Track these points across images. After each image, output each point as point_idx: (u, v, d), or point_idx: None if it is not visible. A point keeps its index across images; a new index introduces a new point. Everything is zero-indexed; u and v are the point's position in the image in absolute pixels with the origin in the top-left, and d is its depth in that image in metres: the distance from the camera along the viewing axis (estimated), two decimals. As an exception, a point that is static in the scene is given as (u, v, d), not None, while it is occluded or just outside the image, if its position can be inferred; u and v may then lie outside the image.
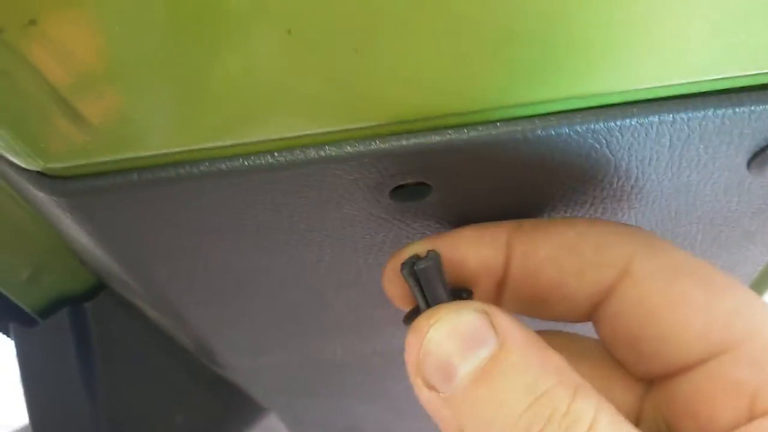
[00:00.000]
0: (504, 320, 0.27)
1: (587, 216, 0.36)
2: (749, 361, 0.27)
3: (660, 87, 0.28)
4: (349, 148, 0.30)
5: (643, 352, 0.30)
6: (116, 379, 0.61)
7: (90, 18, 0.23)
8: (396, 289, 0.33)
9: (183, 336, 0.53)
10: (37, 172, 0.31)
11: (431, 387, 0.27)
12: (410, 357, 0.28)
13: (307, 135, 0.29)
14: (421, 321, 0.29)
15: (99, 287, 0.61)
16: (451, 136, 0.29)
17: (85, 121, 0.26)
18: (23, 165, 0.30)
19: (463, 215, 0.35)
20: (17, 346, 0.62)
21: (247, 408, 0.66)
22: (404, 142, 0.29)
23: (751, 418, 0.26)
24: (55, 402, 0.61)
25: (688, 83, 0.28)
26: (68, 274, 0.58)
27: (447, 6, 0.23)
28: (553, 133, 0.28)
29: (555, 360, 0.27)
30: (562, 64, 0.26)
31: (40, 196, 0.32)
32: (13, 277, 0.55)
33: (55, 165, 0.29)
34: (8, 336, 0.64)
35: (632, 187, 0.34)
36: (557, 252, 0.32)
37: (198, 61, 0.25)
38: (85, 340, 0.61)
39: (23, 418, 0.68)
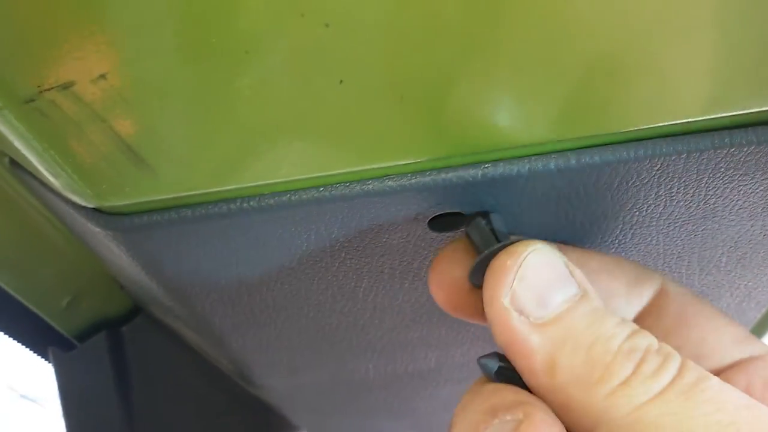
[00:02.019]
0: (581, 273, 0.28)
1: (617, 241, 0.37)
2: None
3: (689, 122, 0.29)
4: (390, 182, 0.31)
5: None
6: (152, 400, 0.63)
7: (156, 73, 0.25)
8: (443, 293, 0.34)
9: (221, 358, 0.55)
10: (93, 208, 0.32)
11: (521, 311, 0.27)
12: (501, 278, 0.28)
13: (351, 172, 0.30)
14: (518, 247, 0.29)
15: (135, 311, 0.63)
16: (488, 169, 0.30)
17: (147, 166, 0.28)
18: (81, 202, 0.31)
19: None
20: (56, 369, 0.64)
21: (280, 427, 0.67)
22: (443, 176, 0.31)
23: None
24: (92, 424, 0.63)
25: (715, 118, 0.29)
26: (106, 299, 0.60)
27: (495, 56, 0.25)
28: (586, 164, 0.30)
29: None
30: (606, 102, 0.27)
31: (95, 230, 0.34)
32: (53, 304, 0.57)
33: (111, 203, 0.31)
34: (47, 360, 0.66)
35: (660, 214, 0.35)
36: (608, 264, 0.33)
37: (256, 109, 0.26)
38: (121, 363, 0.62)
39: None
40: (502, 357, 0.30)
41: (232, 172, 0.29)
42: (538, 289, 0.27)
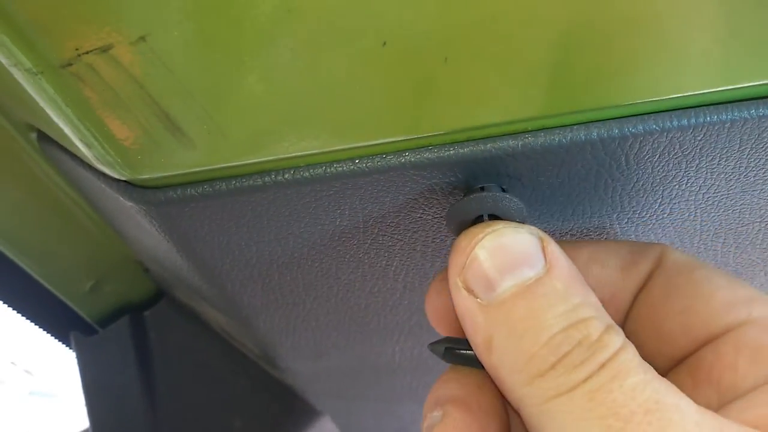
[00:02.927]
0: (555, 249, 0.28)
1: (655, 216, 0.37)
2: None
3: (732, 89, 0.29)
4: (428, 154, 0.31)
5: (669, 332, 0.31)
6: (175, 385, 0.63)
7: (198, 34, 0.24)
8: (436, 310, 0.34)
9: (246, 340, 0.55)
10: (126, 181, 0.32)
11: (470, 291, 0.28)
12: (456, 258, 0.29)
13: (388, 143, 0.30)
14: (477, 228, 0.29)
15: (158, 296, 0.62)
16: (528, 140, 0.30)
17: (183, 134, 0.28)
18: (114, 175, 0.31)
19: (531, 219, 0.36)
20: (78, 354, 0.64)
21: (303, 411, 0.67)
22: (482, 147, 0.30)
23: None
24: (115, 408, 0.63)
25: (760, 85, 0.29)
26: (129, 283, 0.60)
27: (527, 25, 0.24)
28: (629, 133, 0.29)
29: (594, 297, 0.28)
30: (648, 66, 0.26)
31: (126, 205, 0.34)
32: (76, 288, 0.57)
33: (145, 175, 0.31)
34: (68, 346, 0.66)
35: (700, 188, 0.35)
36: (598, 252, 0.34)
37: (297, 74, 0.26)
38: (144, 348, 0.62)
39: (83, 423, 0.69)
40: (452, 339, 0.32)
41: (269, 142, 0.29)
42: (487, 274, 0.28)
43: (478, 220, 0.31)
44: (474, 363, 0.30)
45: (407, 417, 0.72)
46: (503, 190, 0.32)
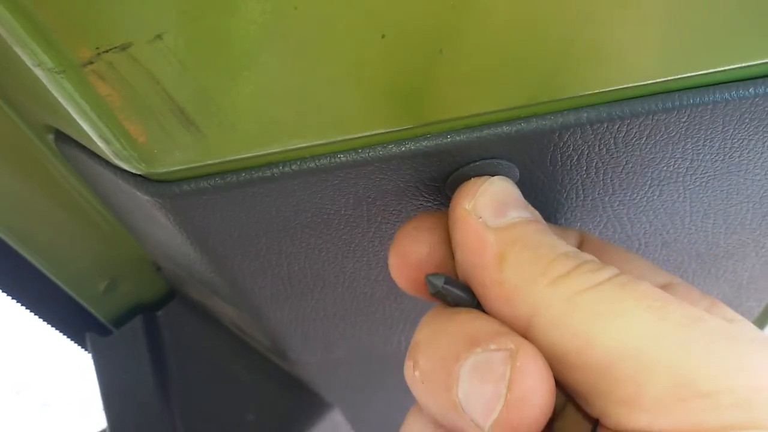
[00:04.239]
0: (532, 207, 0.32)
1: (645, 198, 0.38)
2: (698, 292, 0.34)
3: (714, 72, 0.30)
4: (427, 142, 0.32)
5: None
6: (189, 382, 0.64)
7: (210, 32, 0.26)
8: (405, 274, 0.35)
9: (257, 334, 0.56)
10: (142, 176, 0.34)
11: (479, 216, 0.30)
12: (467, 188, 0.32)
13: (389, 132, 0.32)
14: (484, 176, 0.33)
15: (170, 295, 0.64)
16: (522, 126, 0.32)
17: (196, 128, 0.30)
18: (131, 170, 0.33)
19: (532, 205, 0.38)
20: (93, 355, 0.65)
21: (313, 404, 0.69)
22: (478, 134, 0.32)
23: None
24: (131, 406, 0.64)
25: (740, 67, 0.30)
26: (142, 283, 0.62)
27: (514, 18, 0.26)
28: (616, 116, 0.31)
29: None
30: (633, 54, 0.28)
31: (142, 199, 0.36)
32: (91, 288, 0.59)
33: (160, 169, 0.32)
34: (84, 348, 0.67)
35: (687, 169, 0.36)
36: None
37: (299, 70, 0.28)
38: (158, 347, 0.64)
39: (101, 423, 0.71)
40: (449, 278, 0.32)
41: (276, 134, 0.31)
42: (497, 202, 0.31)
43: None
44: (466, 301, 0.31)
45: (415, 409, 0.73)
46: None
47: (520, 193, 0.33)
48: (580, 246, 0.36)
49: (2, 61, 0.34)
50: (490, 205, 0.30)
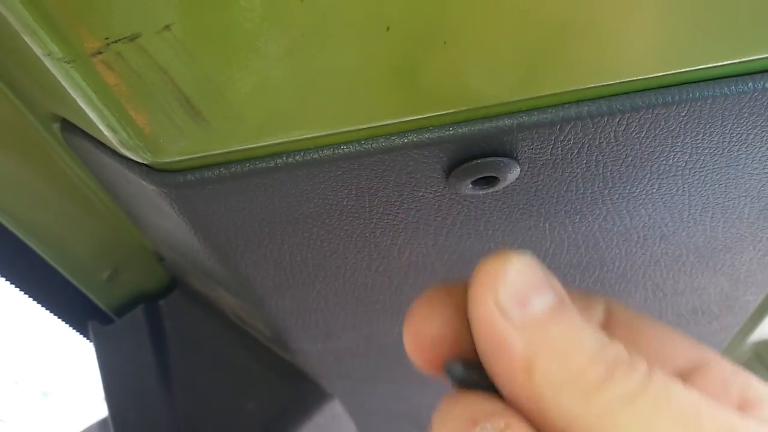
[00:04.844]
0: (557, 282, 0.30)
1: (644, 191, 0.39)
2: (730, 369, 0.31)
3: (714, 67, 0.31)
4: (429, 134, 0.33)
5: None
6: (190, 371, 0.65)
7: (217, 23, 0.26)
8: (423, 355, 0.33)
9: (258, 324, 0.57)
10: (148, 166, 0.34)
11: (504, 311, 0.28)
12: (485, 279, 0.29)
13: (392, 124, 0.32)
14: (503, 252, 0.30)
15: (172, 285, 0.65)
16: (523, 119, 0.32)
17: (202, 118, 0.30)
18: (137, 159, 0.33)
19: (529, 203, 0.39)
20: (95, 344, 0.66)
21: (313, 394, 0.69)
22: (479, 127, 0.32)
23: (742, 407, 0.29)
24: (132, 394, 0.65)
25: (739, 62, 0.31)
26: (144, 272, 0.62)
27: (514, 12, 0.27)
28: (617, 110, 0.32)
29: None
30: (633, 46, 0.29)
31: (147, 189, 0.36)
32: (94, 277, 0.60)
33: (166, 159, 0.33)
34: (86, 337, 0.68)
35: (686, 162, 0.37)
36: None
37: (305, 62, 0.28)
38: (159, 336, 0.65)
39: (101, 411, 0.72)
40: (468, 363, 0.30)
41: (281, 125, 0.31)
42: (519, 290, 0.28)
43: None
44: (484, 384, 0.29)
45: (414, 399, 0.74)
46: None
47: (541, 268, 0.30)
48: (607, 319, 0.34)
49: (10, 50, 0.34)
50: (511, 296, 0.28)
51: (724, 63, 0.31)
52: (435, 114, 0.32)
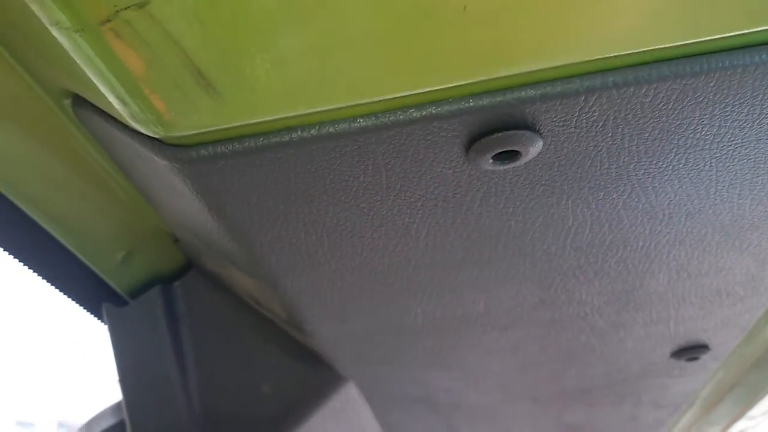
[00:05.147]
0: None
1: (671, 167, 0.37)
2: None
3: (745, 34, 0.29)
4: (448, 107, 0.32)
5: None
6: (206, 352, 0.64)
7: (229, -11, 0.26)
8: None
9: (274, 305, 0.56)
10: (159, 140, 0.33)
11: None
12: None
13: (410, 95, 0.31)
14: None
15: (187, 267, 0.64)
16: (546, 89, 0.31)
17: (214, 90, 0.29)
18: (148, 133, 0.32)
19: (552, 179, 0.37)
20: (110, 326, 0.66)
21: (328, 377, 0.69)
22: (500, 98, 0.31)
23: None
24: (147, 377, 0.65)
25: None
26: (159, 254, 0.62)
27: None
28: (643, 80, 0.30)
29: None
30: (661, 11, 0.27)
31: (159, 165, 0.35)
32: (108, 259, 0.59)
33: (178, 132, 0.32)
34: (100, 319, 0.68)
35: (714, 136, 0.35)
36: None
37: (319, 29, 0.27)
38: (175, 317, 0.64)
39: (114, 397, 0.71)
40: None
41: (295, 96, 0.30)
42: None
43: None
44: None
45: (432, 383, 0.73)
46: None
47: None
48: None
49: (19, 24, 0.34)
50: None
51: (757, 30, 0.29)
52: (454, 84, 0.31)
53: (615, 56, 0.30)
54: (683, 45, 0.30)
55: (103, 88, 0.30)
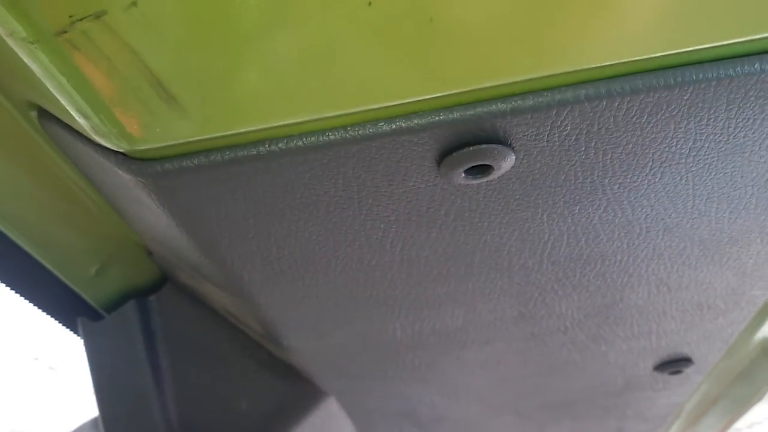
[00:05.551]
0: None
1: (646, 181, 0.37)
2: None
3: (719, 46, 0.29)
4: (418, 120, 0.31)
5: None
6: (182, 368, 0.63)
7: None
8: None
9: (250, 320, 0.55)
10: (123, 154, 0.33)
11: None
12: None
13: (379, 108, 0.30)
14: None
15: (162, 281, 0.63)
16: (517, 103, 0.30)
17: (176, 102, 0.28)
18: (111, 147, 0.32)
19: (526, 193, 0.37)
20: (85, 340, 0.64)
21: (308, 393, 0.68)
22: (471, 112, 0.31)
23: None
24: (123, 392, 0.63)
25: (746, 41, 0.29)
26: (134, 267, 0.61)
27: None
28: (615, 93, 0.30)
29: None
30: (633, 23, 0.27)
31: (125, 179, 0.34)
32: (82, 272, 0.58)
33: (141, 146, 0.31)
34: (75, 332, 0.67)
35: (689, 149, 0.35)
36: None
37: (284, 39, 0.26)
38: (150, 332, 0.63)
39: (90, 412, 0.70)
40: None
41: (260, 109, 0.29)
42: None
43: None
44: None
45: (413, 398, 0.72)
46: None
47: None
48: None
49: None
50: None
51: (730, 42, 0.29)
52: (424, 98, 0.30)
53: (587, 69, 0.29)
54: (657, 57, 0.29)
55: (63, 101, 0.29)
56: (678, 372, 0.70)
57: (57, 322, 0.64)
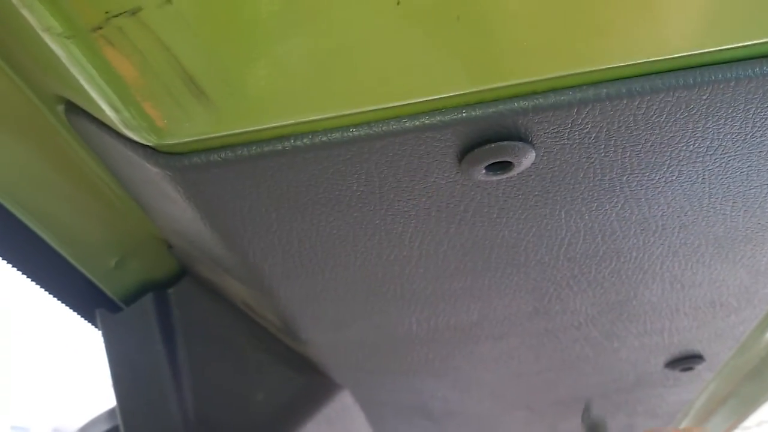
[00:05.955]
0: None
1: (663, 179, 0.37)
2: None
3: (738, 47, 0.30)
4: (441, 117, 0.32)
5: None
6: (199, 359, 0.64)
7: (221, -2, 0.25)
8: None
9: (268, 313, 0.56)
10: (152, 148, 0.33)
11: None
12: None
13: (403, 105, 0.31)
14: None
15: (181, 273, 0.64)
16: (539, 100, 0.31)
17: (206, 97, 0.29)
18: (140, 140, 0.32)
19: (545, 190, 0.37)
20: (103, 332, 0.65)
21: (323, 385, 0.69)
22: (493, 109, 0.31)
23: None
24: (140, 383, 0.64)
25: (765, 42, 0.29)
26: (153, 260, 0.61)
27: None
28: (636, 92, 0.30)
29: None
30: (654, 24, 0.27)
31: (152, 172, 0.35)
32: (101, 264, 0.59)
33: (170, 140, 0.32)
34: (94, 325, 0.67)
35: (707, 148, 0.35)
36: None
37: (313, 37, 0.27)
38: (168, 324, 0.64)
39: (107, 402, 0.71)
40: None
41: (288, 105, 0.30)
42: None
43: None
44: None
45: (426, 392, 0.73)
46: None
47: None
48: None
49: (12, 28, 0.34)
50: None
51: (750, 43, 0.29)
52: (447, 95, 0.31)
53: (607, 68, 0.30)
54: (676, 58, 0.30)
55: (95, 95, 0.30)
56: (689, 369, 0.71)
57: (75, 313, 0.65)
